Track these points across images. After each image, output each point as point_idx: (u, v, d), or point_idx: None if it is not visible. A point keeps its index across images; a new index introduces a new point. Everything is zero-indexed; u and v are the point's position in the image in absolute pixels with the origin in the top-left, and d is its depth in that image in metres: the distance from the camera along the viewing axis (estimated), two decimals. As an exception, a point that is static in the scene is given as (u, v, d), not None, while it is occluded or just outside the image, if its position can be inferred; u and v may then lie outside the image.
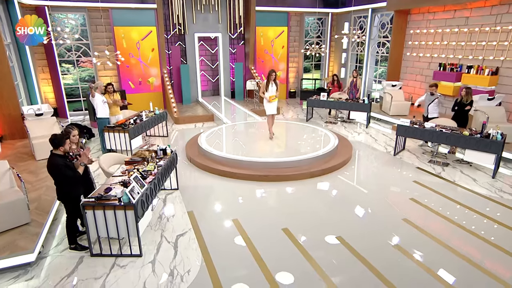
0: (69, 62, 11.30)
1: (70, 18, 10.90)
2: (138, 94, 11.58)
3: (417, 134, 7.19)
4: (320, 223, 4.94)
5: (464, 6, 9.26)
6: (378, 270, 3.90)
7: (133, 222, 3.99)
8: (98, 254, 4.20)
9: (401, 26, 11.01)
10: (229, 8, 12.17)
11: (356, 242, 4.43)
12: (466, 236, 4.62)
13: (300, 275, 3.85)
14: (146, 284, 3.73)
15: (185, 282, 3.75)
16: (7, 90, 7.77)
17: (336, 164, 6.79)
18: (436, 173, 6.66)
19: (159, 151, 5.49)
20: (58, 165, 3.99)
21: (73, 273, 3.92)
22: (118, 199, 3.98)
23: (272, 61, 13.43)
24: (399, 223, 4.91)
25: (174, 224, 4.91)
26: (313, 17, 13.73)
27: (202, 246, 4.38)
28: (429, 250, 4.32)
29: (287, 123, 10.00)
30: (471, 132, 6.54)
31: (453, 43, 9.60)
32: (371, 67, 12.61)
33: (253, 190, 6.00)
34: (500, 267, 4.01)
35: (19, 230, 4.30)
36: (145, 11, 11.08)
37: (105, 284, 3.73)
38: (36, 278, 3.86)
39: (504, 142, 6.42)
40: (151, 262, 4.08)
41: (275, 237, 4.59)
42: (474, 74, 9.05)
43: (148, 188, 4.37)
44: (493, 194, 5.79)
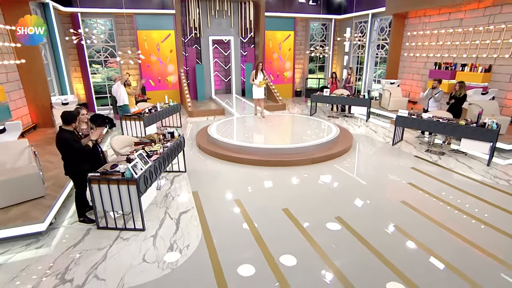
0: (98, 62, 11.16)
1: (100, 23, 10.76)
2: (157, 91, 11.35)
3: (415, 124, 6.67)
4: (319, 205, 4.52)
5: (459, 9, 8.65)
6: (377, 250, 3.47)
7: (136, 197, 3.68)
8: (104, 227, 3.91)
9: (399, 29, 10.41)
10: (241, 13, 11.81)
11: (355, 222, 4.00)
12: (462, 218, 4.15)
13: (298, 253, 3.45)
14: (146, 256, 3.40)
15: (183, 255, 3.40)
16: (40, 84, 7.65)
17: (337, 152, 6.34)
18: (433, 161, 6.13)
19: (167, 134, 5.17)
20: (67, 138, 3.71)
21: (79, 244, 3.63)
22: (122, 174, 3.67)
23: (279, 62, 13.00)
24: (398, 205, 4.45)
25: (179, 202, 4.58)
26: (318, 23, 13.23)
27: (203, 223, 4.03)
28: (426, 230, 3.87)
29: (292, 116, 9.57)
30: (467, 122, 5.98)
31: (447, 43, 8.98)
32: (371, 68, 12.02)
33: (256, 174, 5.60)
34: (495, 246, 3.53)
35: (34, 202, 4.05)
36: (165, 16, 10.83)
37: (107, 255, 3.43)
38: (45, 246, 3.60)
39: (498, 133, 5.86)
40: (152, 236, 3.76)
41: (274, 216, 4.19)
42: (468, 71, 8.42)
43: (152, 166, 4.06)
44: (488, 180, 5.25)
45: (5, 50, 6.74)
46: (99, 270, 3.18)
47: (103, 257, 3.38)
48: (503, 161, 6.11)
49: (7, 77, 6.88)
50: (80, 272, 3.15)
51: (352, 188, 5.08)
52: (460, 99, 6.74)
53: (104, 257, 3.38)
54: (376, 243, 3.57)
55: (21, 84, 7.47)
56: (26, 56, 7.20)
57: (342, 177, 5.50)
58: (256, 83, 8.29)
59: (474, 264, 3.27)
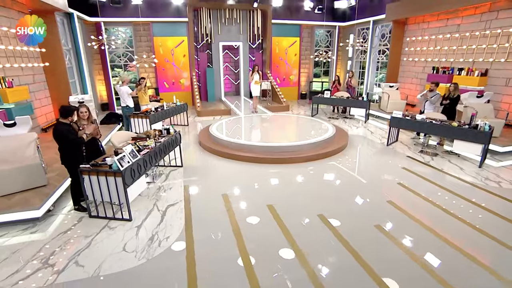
0: (119, 66, 11.30)
1: (121, 31, 10.89)
2: (171, 93, 11.35)
3: (409, 125, 6.23)
4: (304, 202, 4.22)
5: (456, 15, 8.08)
6: (354, 249, 3.19)
7: (122, 188, 3.58)
8: (95, 216, 3.82)
9: (399, 35, 9.88)
10: (249, 21, 11.61)
11: (336, 220, 3.70)
12: (448, 219, 3.75)
13: (272, 251, 3.23)
14: (126, 245, 3.27)
15: (161, 247, 3.25)
16: (63, 85, 7.77)
17: (331, 151, 6.01)
18: (425, 162, 5.69)
19: (163, 131, 5.06)
20: (62, 130, 3.66)
21: (69, 231, 3.56)
22: (109, 166, 3.57)
23: (286, 67, 12.70)
24: (383, 205, 4.09)
25: (169, 195, 4.43)
26: (323, 30, 12.83)
27: (187, 216, 3.86)
28: (408, 230, 3.51)
29: (292, 117, 9.24)
30: (459, 124, 5.51)
31: (445, 48, 8.41)
32: (372, 72, 11.50)
33: (249, 170, 5.38)
34: (481, 250, 3.14)
35: (35, 191, 4.02)
36: (179, 24, 10.80)
37: (92, 242, 3.33)
38: (39, 232, 3.55)
39: (491, 135, 5.36)
40: (137, 227, 3.63)
41: (257, 211, 3.95)
42: (464, 75, 7.84)
43: (141, 159, 3.94)
44: (478, 182, 4.78)
45: (31, 55, 6.87)
46: (80, 257, 3.08)
47: (87, 245, 3.29)
48: (496, 163, 5.59)
49: (33, 78, 7.01)
50: (63, 258, 3.06)
51: (340, 186, 4.77)
52: (454, 100, 6.25)
53: (88, 245, 3.29)
54: (355, 242, 3.27)
55: (47, 85, 7.62)
56: (50, 60, 7.34)
57: (332, 175, 5.19)
58: (253, 82, 9.34)
59: (453, 266, 2.92)
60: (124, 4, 9.95)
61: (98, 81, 10.81)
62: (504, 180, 4.82)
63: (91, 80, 10.04)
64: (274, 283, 2.72)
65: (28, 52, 6.56)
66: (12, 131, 4.33)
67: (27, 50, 6.53)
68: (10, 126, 4.34)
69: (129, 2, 9.92)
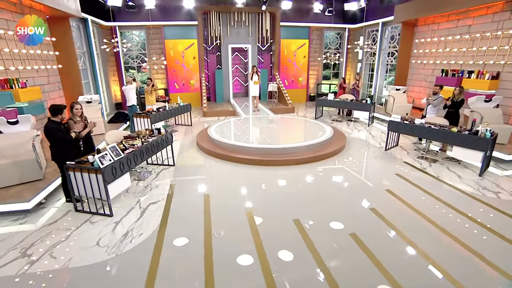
0: (133, 68, 11.68)
1: (135, 34, 11.25)
2: (181, 93, 11.56)
3: (407, 129, 5.92)
4: (282, 206, 4.12)
5: (467, 15, 7.55)
6: (319, 254, 3.07)
7: (102, 185, 3.68)
8: (80, 210, 3.96)
9: (408, 36, 9.42)
10: (258, 23, 11.57)
11: (311, 227, 3.58)
12: (433, 231, 3.49)
13: (234, 255, 3.19)
14: (101, 240, 3.35)
15: (132, 243, 3.29)
16: (76, 86, 8.11)
17: (324, 154, 5.84)
18: (422, 168, 5.37)
19: (154, 130, 5.15)
20: (52, 128, 3.82)
21: (54, 223, 3.71)
22: (91, 163, 3.69)
23: (294, 69, 12.53)
24: (365, 212, 3.90)
25: (154, 193, 4.50)
26: (333, 32, 12.53)
27: (165, 214, 3.89)
28: (386, 241, 3.32)
29: (294, 119, 9.04)
30: (459, 129, 5.15)
31: (454, 50, 7.90)
32: (381, 75, 11.05)
33: (237, 171, 5.34)
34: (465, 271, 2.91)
35: (30, 184, 4.23)
36: (189, 27, 10.98)
37: (70, 235, 3.44)
38: (28, 223, 3.73)
39: (495, 141, 4.97)
40: (116, 222, 3.71)
41: (233, 213, 3.92)
42: (474, 78, 7.32)
43: (124, 158, 4.04)
44: (475, 192, 4.43)
45: (46, 58, 7.26)
46: (56, 249, 3.20)
47: (66, 237, 3.41)
48: (501, 172, 5.17)
49: (48, 79, 7.40)
50: (41, 249, 3.19)
51: (326, 191, 4.60)
52: (457, 103, 5.85)
53: (67, 237, 3.41)
54: (326, 250, 3.14)
55: (61, 85, 8.02)
56: (65, 62, 7.72)
57: (320, 179, 5.03)
58: (251, 82, 9.80)
59: (424, 281, 2.73)
60: (138, 9, 10.27)
61: (113, 81, 11.23)
62: (504, 191, 4.44)
63: (106, 81, 10.45)
64: (235, 283, 2.67)
65: (42, 55, 6.92)
66: (14, 128, 4.59)
67: (41, 53, 6.89)
68: (13, 123, 4.60)
69: (143, 7, 10.22)
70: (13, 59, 6.00)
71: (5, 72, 5.73)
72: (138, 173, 5.18)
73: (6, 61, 5.78)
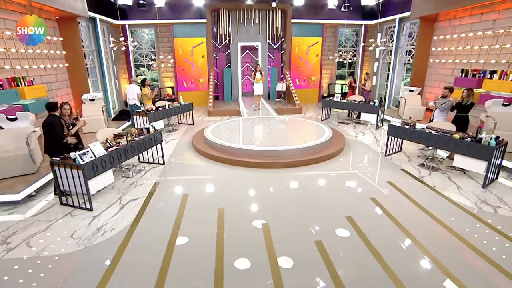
0: (143, 66, 12.28)
1: (145, 32, 11.83)
2: (189, 92, 12.00)
3: (407, 135, 5.76)
4: (253, 208, 4.24)
5: (492, 8, 7.14)
6: (276, 260, 3.16)
7: (83, 180, 4.01)
8: (65, 204, 4.33)
9: (426, 33, 9.07)
10: (269, 21, 11.69)
11: (276, 232, 3.65)
12: (410, 247, 3.43)
13: (192, 254, 3.36)
14: (76, 232, 3.67)
15: (102, 237, 3.57)
16: (83, 84, 8.74)
17: (317, 158, 5.85)
18: (419, 177, 5.21)
19: (144, 130, 5.47)
20: (53, 120, 4.31)
21: (39, 214, 4.11)
22: (73, 160, 4.04)
23: (306, 68, 12.49)
24: (339, 221, 3.88)
25: (137, 190, 4.80)
26: (348, 29, 12.34)
27: (141, 211, 4.16)
28: (354, 252, 3.32)
29: (297, 120, 8.98)
30: (462, 136, 4.94)
31: (475, 47, 7.50)
32: (398, 74, 10.71)
33: (223, 173, 5.51)
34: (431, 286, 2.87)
35: (23, 178, 4.69)
36: (198, 25, 11.34)
37: (49, 226, 3.80)
38: (16, 213, 4.14)
39: (505, 150, 4.73)
40: (94, 216, 4.03)
41: (206, 213, 4.09)
42: (496, 79, 6.92)
43: (106, 156, 4.35)
44: (469, 205, 4.25)
45: (53, 57, 7.89)
46: (34, 238, 3.56)
47: (45, 228, 3.77)
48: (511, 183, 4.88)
49: (56, 77, 8.05)
50: (20, 238, 3.56)
51: (302, 197, 4.62)
52: (465, 107, 5.61)
53: (46, 228, 3.76)
54: (292, 252, 3.22)
55: (69, 83, 8.68)
56: (72, 61, 8.35)
57: (301, 184, 5.04)
58: (254, 80, 9.97)
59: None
60: (149, 7, 10.79)
61: (123, 79, 11.89)
62: (506, 206, 4.21)
63: (116, 79, 11.09)
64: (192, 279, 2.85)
65: (49, 54, 7.54)
66: (14, 124, 5.10)
67: (48, 52, 7.50)
68: (13, 120, 5.12)
69: (153, 5, 10.74)
70: (22, 58, 6.61)
71: (13, 71, 6.34)
72: (127, 171, 5.52)
73: (14, 60, 6.39)
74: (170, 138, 7.81)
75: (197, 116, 10.32)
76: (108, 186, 4.85)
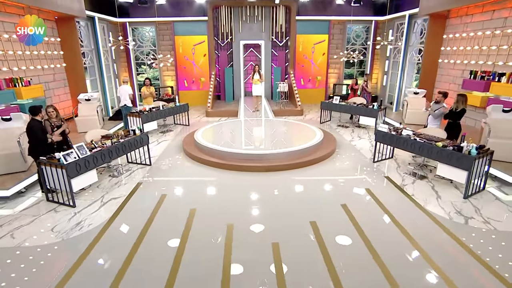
0: (145, 64, 13.06)
1: (145, 30, 12.61)
2: (190, 91, 12.67)
3: (393, 141, 6.06)
4: (224, 211, 4.73)
5: (504, 5, 7.26)
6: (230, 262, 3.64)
7: (66, 179, 4.65)
8: (51, 200, 5.00)
9: (437, 31, 9.23)
10: (272, 18, 12.15)
11: (243, 233, 4.14)
12: (361, 251, 3.83)
13: (163, 243, 3.89)
14: (56, 226, 4.31)
15: (79, 231, 4.19)
16: (80, 82, 9.60)
17: (298, 163, 6.27)
18: (400, 185, 5.51)
19: (130, 131, 6.09)
20: (34, 126, 4.95)
21: (26, 209, 4.80)
22: (58, 159, 4.68)
23: (311, 67, 12.85)
24: (301, 224, 4.29)
25: (120, 189, 5.42)
26: (358, 25, 12.58)
27: (119, 209, 4.75)
28: (309, 255, 3.75)
29: (288, 123, 9.29)
30: (445, 144, 5.21)
31: (484, 48, 7.63)
32: (408, 74, 10.86)
33: (206, 175, 6.04)
34: None
35: (15, 175, 5.44)
36: (199, 22, 11.98)
37: (33, 221, 4.47)
38: (5, 208, 4.85)
39: (491, 159, 4.96)
40: (75, 212, 4.67)
41: (178, 213, 4.62)
42: (504, 83, 7.05)
43: (90, 156, 4.99)
44: (442, 215, 4.53)
45: (51, 57, 8.73)
46: (18, 231, 4.22)
47: (29, 222, 4.44)
48: (504, 196, 5.02)
49: (54, 77, 8.90)
50: (6, 230, 4.24)
51: (273, 199, 5.09)
52: (456, 114, 5.84)
53: (30, 222, 4.43)
54: (237, 253, 3.70)
55: (67, 83, 9.52)
56: (70, 61, 9.20)
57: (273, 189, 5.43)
58: (252, 81, 10.63)
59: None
60: (150, 4, 11.53)
61: (125, 77, 12.70)
62: (480, 217, 4.44)
63: (116, 77, 11.91)
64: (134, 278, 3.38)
65: (46, 55, 8.38)
66: (8, 124, 5.85)
67: (45, 53, 8.33)
68: (7, 120, 5.87)
69: (154, 2, 11.46)
70: (19, 59, 7.44)
71: (11, 72, 7.16)
72: (114, 170, 6.16)
73: (12, 61, 7.22)
74: (163, 139, 8.44)
75: (196, 116, 10.95)
76: (94, 184, 5.51)
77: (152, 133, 8.66)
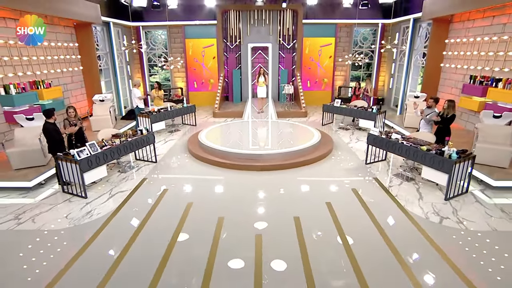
0: (157, 65, 13.83)
1: (158, 33, 13.36)
2: (199, 92, 13.34)
3: (383, 144, 6.44)
4: (216, 206, 5.25)
5: (503, 11, 7.47)
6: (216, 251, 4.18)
7: (79, 173, 5.33)
8: (66, 191, 5.72)
9: (440, 35, 9.46)
10: (280, 21, 12.63)
11: (232, 225, 4.69)
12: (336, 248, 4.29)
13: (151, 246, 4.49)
14: (70, 214, 5.00)
15: (89, 219, 4.86)
16: (96, 84, 10.40)
17: (292, 163, 6.75)
18: (387, 186, 5.91)
19: (138, 131, 6.74)
20: (48, 128, 5.65)
21: (45, 199, 5.52)
22: (72, 156, 5.37)
23: (318, 69, 13.24)
24: (286, 221, 4.75)
25: (126, 184, 6.08)
26: (365, 29, 12.87)
27: (124, 202, 5.40)
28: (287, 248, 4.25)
29: (288, 124, 9.78)
30: (428, 148, 5.56)
31: (482, 53, 7.85)
32: (413, 78, 11.08)
33: (206, 173, 6.62)
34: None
35: (36, 168, 6.20)
36: (209, 26, 12.62)
37: (51, 209, 5.18)
38: (28, 197, 5.60)
39: (473, 163, 5.29)
40: (87, 203, 5.35)
41: (174, 207, 5.21)
42: (501, 88, 7.26)
43: (100, 153, 5.66)
44: (419, 214, 4.92)
45: (69, 60, 9.54)
46: (38, 217, 4.94)
47: (47, 210, 5.15)
48: (488, 200, 5.34)
49: (72, 79, 9.73)
50: (28, 216, 4.97)
51: (261, 198, 5.59)
52: (446, 119, 6.15)
53: (48, 210, 5.15)
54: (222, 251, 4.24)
55: (84, 84, 10.35)
56: (86, 64, 10.01)
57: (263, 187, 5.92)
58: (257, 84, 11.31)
59: None
60: (162, 8, 12.26)
61: (138, 79, 13.52)
62: (455, 218, 4.80)
63: (130, 78, 12.72)
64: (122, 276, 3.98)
65: (65, 59, 9.21)
66: (31, 123, 6.63)
67: (64, 58, 9.15)
68: (30, 120, 6.65)
69: (166, 6, 12.18)
70: (41, 63, 8.27)
71: (34, 75, 7.99)
72: (123, 166, 6.83)
73: (35, 66, 8.04)
74: (170, 138, 9.10)
75: (203, 116, 11.59)
76: (104, 178, 6.21)
77: (160, 133, 9.36)
